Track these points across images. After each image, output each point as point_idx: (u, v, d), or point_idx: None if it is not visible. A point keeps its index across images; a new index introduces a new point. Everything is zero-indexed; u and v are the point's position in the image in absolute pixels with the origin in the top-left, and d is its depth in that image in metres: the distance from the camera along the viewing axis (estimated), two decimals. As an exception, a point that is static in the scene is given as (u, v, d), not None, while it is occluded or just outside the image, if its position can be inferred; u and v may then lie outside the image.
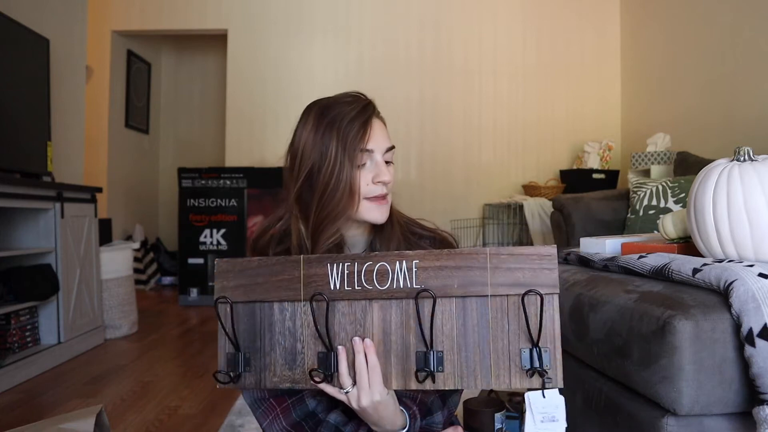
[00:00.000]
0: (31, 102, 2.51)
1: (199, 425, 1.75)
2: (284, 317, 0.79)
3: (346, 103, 0.87)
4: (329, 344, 0.76)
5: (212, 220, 3.95)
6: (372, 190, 0.87)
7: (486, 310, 0.74)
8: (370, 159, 0.87)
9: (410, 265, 0.75)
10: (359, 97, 0.89)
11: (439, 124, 4.38)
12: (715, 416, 0.89)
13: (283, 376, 0.79)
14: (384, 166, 0.88)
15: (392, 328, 0.76)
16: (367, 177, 0.87)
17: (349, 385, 0.75)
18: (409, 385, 0.75)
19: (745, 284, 0.87)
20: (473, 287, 0.74)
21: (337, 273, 0.77)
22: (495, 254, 0.74)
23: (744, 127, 2.88)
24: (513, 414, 1.54)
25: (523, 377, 0.73)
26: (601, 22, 4.39)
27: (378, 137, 0.87)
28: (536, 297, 0.71)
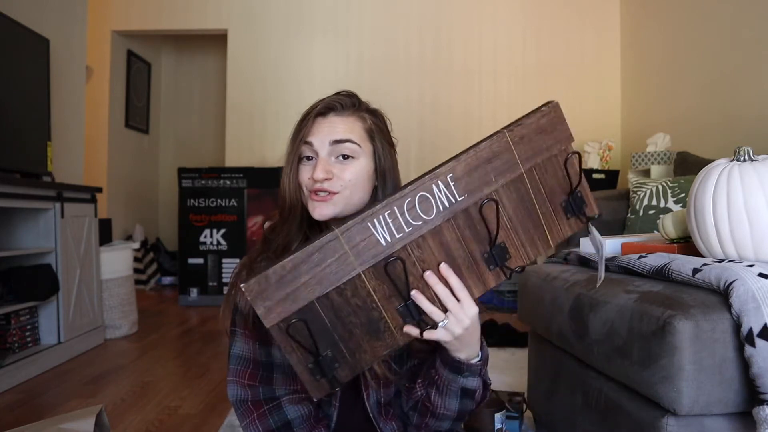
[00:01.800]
0: (31, 102, 2.51)
1: (199, 425, 1.75)
2: (346, 297, 0.73)
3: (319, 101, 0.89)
4: (407, 292, 0.73)
5: (212, 220, 3.95)
6: (311, 184, 0.85)
7: (523, 186, 0.77)
8: (314, 153, 0.86)
9: (446, 181, 0.73)
10: (334, 95, 0.89)
11: (439, 124, 4.38)
12: (715, 416, 0.89)
13: (375, 348, 0.74)
14: (322, 161, 0.84)
15: (452, 247, 0.75)
16: (310, 172, 0.85)
17: (442, 316, 0.74)
18: (489, 284, 0.77)
19: (745, 284, 0.87)
20: (509, 172, 0.76)
21: (383, 226, 0.72)
22: (511, 132, 0.76)
23: (744, 127, 2.88)
24: (513, 414, 1.54)
25: (570, 223, 0.81)
26: (601, 22, 4.39)
27: (322, 131, 0.86)
28: (559, 152, 0.79)
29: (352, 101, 0.90)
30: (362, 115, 0.89)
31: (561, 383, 1.36)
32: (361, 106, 0.90)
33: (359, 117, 0.89)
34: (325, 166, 0.84)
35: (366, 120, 0.89)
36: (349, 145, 0.86)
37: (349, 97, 0.90)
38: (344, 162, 0.86)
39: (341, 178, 0.85)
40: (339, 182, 0.85)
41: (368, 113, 0.91)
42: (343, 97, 0.89)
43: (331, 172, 0.84)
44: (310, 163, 0.86)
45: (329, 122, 0.86)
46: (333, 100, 0.88)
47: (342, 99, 0.89)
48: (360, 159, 0.87)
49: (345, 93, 0.90)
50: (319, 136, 0.85)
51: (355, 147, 0.86)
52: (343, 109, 0.88)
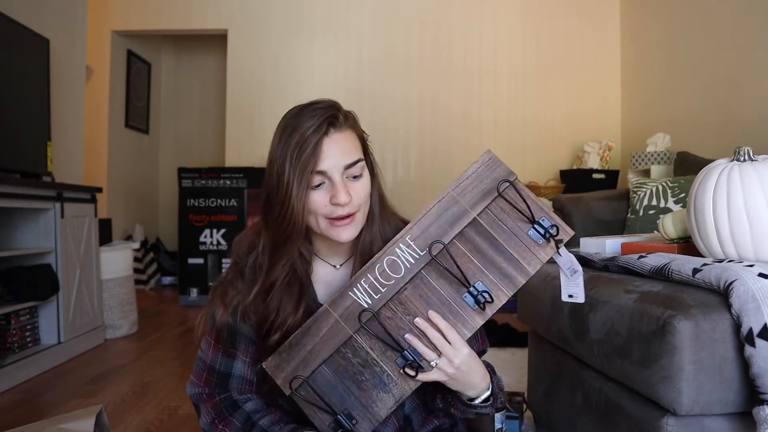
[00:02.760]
0: (31, 102, 2.51)
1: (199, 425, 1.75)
2: (348, 359, 0.84)
3: (308, 117, 0.82)
4: (398, 345, 0.82)
5: (212, 220, 3.95)
6: (331, 210, 0.83)
7: (482, 228, 0.85)
8: (327, 179, 0.82)
9: (406, 242, 0.84)
10: (323, 109, 0.83)
11: (439, 124, 4.38)
12: (715, 416, 0.89)
13: (385, 400, 0.84)
14: (341, 185, 0.82)
15: (432, 297, 0.84)
16: (325, 198, 0.83)
17: (435, 357, 0.81)
18: (477, 322, 0.84)
19: (745, 284, 0.87)
20: (462, 219, 0.85)
21: (362, 292, 0.84)
22: (454, 189, 0.86)
23: (744, 127, 2.88)
24: (513, 414, 1.54)
25: (544, 249, 0.85)
26: (601, 22, 4.39)
27: (333, 155, 0.81)
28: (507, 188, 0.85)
29: (343, 112, 0.86)
30: (352, 125, 0.87)
31: (561, 383, 1.36)
32: (347, 115, 0.86)
33: (352, 128, 0.86)
34: (345, 189, 0.82)
35: (356, 128, 0.88)
36: (359, 165, 0.85)
37: (337, 107, 0.85)
38: (355, 181, 0.85)
39: (357, 197, 0.84)
40: (356, 202, 0.84)
41: (352, 121, 0.87)
42: (334, 110, 0.84)
43: (350, 194, 0.83)
44: (320, 190, 0.83)
45: (335, 143, 0.82)
46: (330, 115, 0.82)
47: (336, 112, 0.84)
48: (365, 173, 0.87)
49: (330, 103, 0.85)
50: (331, 162, 0.81)
51: (362, 163, 0.85)
52: (341, 125, 0.84)
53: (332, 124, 0.83)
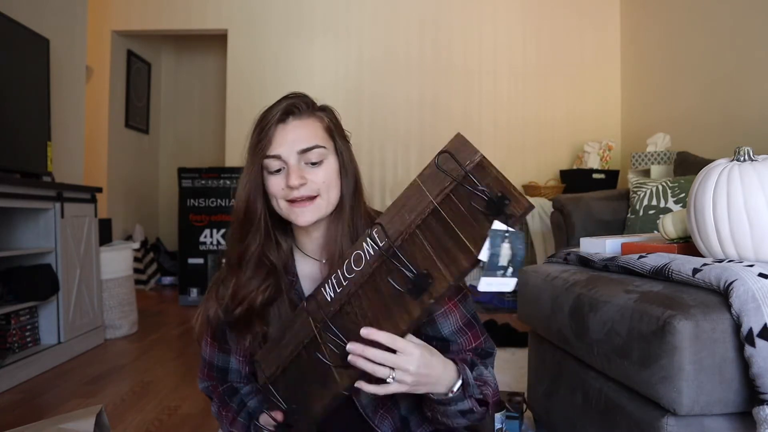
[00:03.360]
0: (31, 102, 2.51)
1: (199, 425, 1.75)
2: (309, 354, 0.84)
3: (271, 109, 0.89)
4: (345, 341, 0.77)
5: (212, 220, 3.95)
6: (286, 193, 0.87)
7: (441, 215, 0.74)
8: (284, 164, 0.87)
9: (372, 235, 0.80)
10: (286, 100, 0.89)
11: (439, 124, 4.38)
12: (715, 416, 0.89)
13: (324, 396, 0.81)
14: (294, 168, 0.86)
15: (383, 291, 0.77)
16: (282, 182, 0.87)
17: (389, 372, 0.73)
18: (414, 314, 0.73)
19: (745, 284, 0.87)
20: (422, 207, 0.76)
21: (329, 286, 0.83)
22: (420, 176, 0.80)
23: (744, 127, 2.88)
24: (513, 414, 1.54)
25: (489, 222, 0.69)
26: (601, 22, 4.39)
27: (288, 141, 0.86)
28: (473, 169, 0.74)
29: (307, 102, 0.90)
30: (319, 115, 0.90)
31: (561, 383, 1.36)
32: (315, 106, 0.91)
33: (317, 117, 0.90)
34: (298, 172, 0.85)
35: (323, 119, 0.91)
36: (316, 151, 0.87)
37: (302, 98, 0.90)
38: (314, 167, 0.87)
39: (315, 182, 0.87)
40: (314, 186, 0.86)
41: (322, 111, 0.92)
42: (297, 99, 0.89)
43: (304, 177, 0.86)
44: (279, 174, 0.87)
45: (292, 129, 0.87)
46: (290, 104, 0.88)
47: (297, 102, 0.89)
48: (328, 159, 0.88)
49: (297, 95, 0.90)
50: (285, 147, 0.86)
51: (322, 150, 0.87)
52: (301, 113, 0.88)
53: (291, 112, 0.88)
